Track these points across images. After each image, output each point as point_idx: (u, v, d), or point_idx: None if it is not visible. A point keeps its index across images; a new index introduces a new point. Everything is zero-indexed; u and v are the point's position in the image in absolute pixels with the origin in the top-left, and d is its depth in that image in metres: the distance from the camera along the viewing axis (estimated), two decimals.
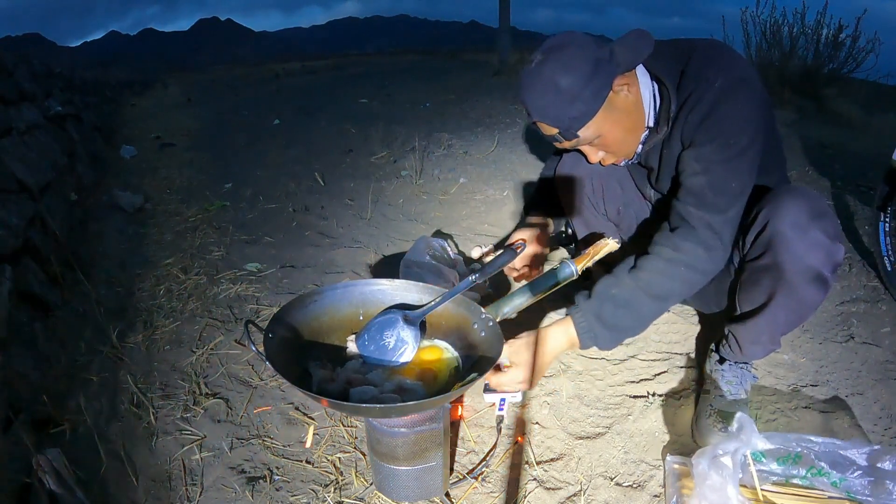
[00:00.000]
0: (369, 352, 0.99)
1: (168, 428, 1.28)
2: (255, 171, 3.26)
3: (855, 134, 3.57)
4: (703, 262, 1.03)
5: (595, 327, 1.07)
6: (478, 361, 0.98)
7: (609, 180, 1.35)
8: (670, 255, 1.03)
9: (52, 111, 3.13)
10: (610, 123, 1.05)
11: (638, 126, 1.10)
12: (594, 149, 1.12)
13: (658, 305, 1.06)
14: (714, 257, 1.03)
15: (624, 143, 1.11)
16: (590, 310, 1.07)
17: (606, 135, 1.06)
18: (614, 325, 1.06)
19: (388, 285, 1.10)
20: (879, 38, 4.75)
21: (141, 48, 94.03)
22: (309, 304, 1.04)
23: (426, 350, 1.02)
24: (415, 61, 8.42)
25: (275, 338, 0.93)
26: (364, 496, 1.09)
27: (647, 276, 1.04)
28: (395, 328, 0.99)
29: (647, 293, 1.04)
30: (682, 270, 1.03)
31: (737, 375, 1.20)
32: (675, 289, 1.04)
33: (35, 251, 1.78)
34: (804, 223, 0.97)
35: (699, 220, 1.02)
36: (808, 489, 0.98)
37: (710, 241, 1.02)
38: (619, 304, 1.05)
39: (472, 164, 3.08)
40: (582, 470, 1.13)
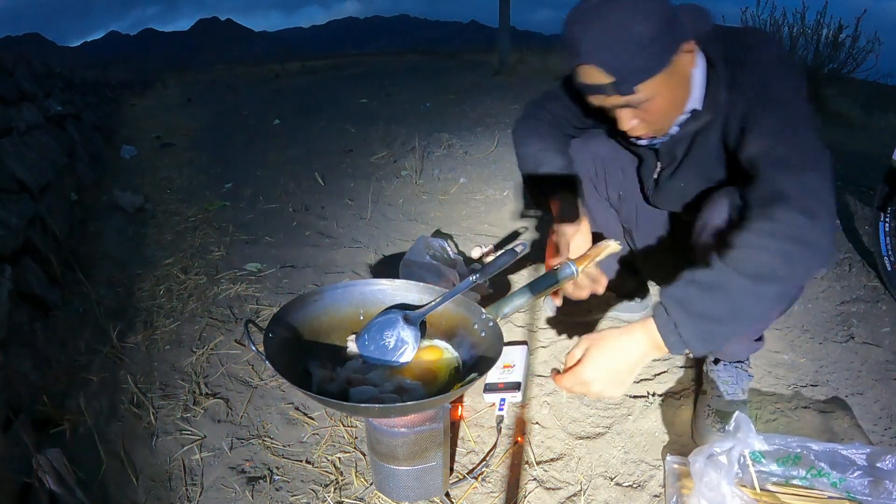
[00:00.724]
0: (369, 352, 0.99)
1: (168, 428, 1.28)
2: (255, 171, 3.26)
3: (855, 134, 3.57)
4: (806, 231, 0.79)
5: (679, 316, 0.81)
6: (478, 362, 0.98)
7: (612, 165, 1.30)
8: (763, 225, 0.81)
9: (52, 111, 3.13)
10: (665, 89, 0.93)
11: (683, 102, 1.00)
12: (632, 113, 0.97)
13: (755, 287, 0.79)
14: (820, 225, 0.79)
15: (666, 115, 1.00)
16: (670, 296, 0.83)
17: (656, 100, 0.94)
18: (701, 312, 0.81)
19: (389, 285, 1.10)
20: (879, 38, 4.76)
21: (141, 48, 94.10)
22: (309, 305, 1.04)
23: (426, 350, 1.02)
24: (415, 61, 8.43)
25: (275, 338, 0.92)
26: (364, 496, 1.09)
27: (736, 252, 0.81)
28: (395, 328, 0.99)
29: (739, 271, 0.80)
30: (780, 242, 0.79)
31: (732, 375, 1.19)
32: (773, 265, 0.79)
33: (35, 251, 1.78)
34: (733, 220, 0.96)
35: (792, 184, 0.82)
36: (808, 489, 0.98)
37: (811, 205, 0.79)
38: (705, 287, 0.81)
39: (472, 164, 3.08)
40: (582, 470, 1.13)
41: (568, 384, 0.89)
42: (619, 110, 0.98)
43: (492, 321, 1.00)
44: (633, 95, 0.92)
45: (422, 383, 0.95)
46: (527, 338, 1.55)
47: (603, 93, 0.93)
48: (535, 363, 1.45)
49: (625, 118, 0.99)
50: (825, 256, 0.81)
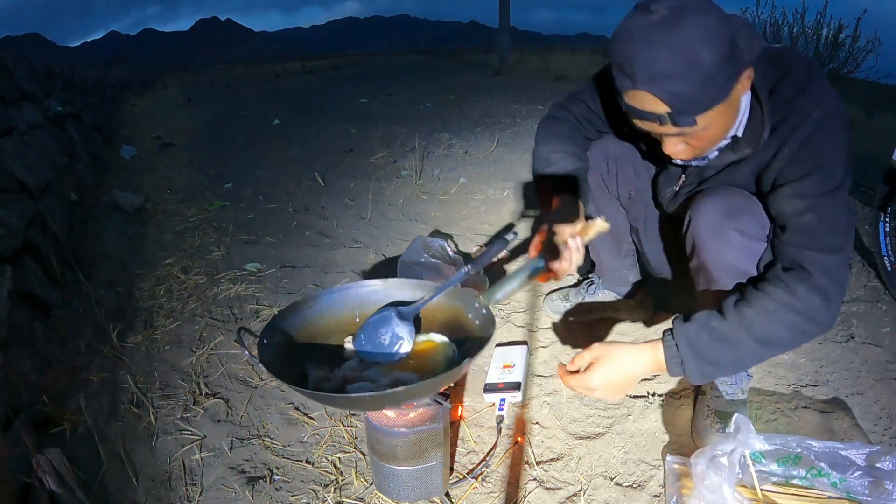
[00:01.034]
0: (366, 351, 0.99)
1: (168, 428, 1.28)
2: (255, 171, 3.26)
3: (855, 134, 3.57)
4: (818, 313, 0.88)
5: (687, 355, 0.91)
6: (470, 346, 0.98)
7: (624, 163, 1.29)
8: (783, 298, 0.88)
9: (52, 111, 3.13)
10: (720, 119, 0.88)
11: (729, 130, 0.95)
12: (681, 140, 0.92)
13: (760, 349, 0.90)
14: (831, 307, 0.88)
15: (714, 143, 0.96)
16: (684, 335, 0.92)
17: (710, 130, 0.89)
18: (708, 357, 0.91)
19: (382, 285, 1.11)
20: (879, 38, 4.77)
21: (141, 48, 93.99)
22: (304, 310, 1.04)
23: (422, 344, 1.02)
24: (415, 61, 8.43)
25: (270, 344, 0.93)
26: (364, 496, 1.09)
27: (753, 315, 0.89)
28: (389, 325, 1.00)
29: (750, 333, 0.89)
30: (794, 318, 0.88)
31: (731, 376, 1.19)
32: (782, 336, 0.89)
33: (35, 251, 1.78)
34: (717, 223, 0.98)
35: (815, 263, 0.88)
36: (808, 490, 0.98)
37: (828, 288, 0.87)
38: (716, 338, 0.90)
39: (472, 164, 3.08)
40: (582, 470, 1.13)
41: (573, 384, 0.97)
42: (668, 137, 0.92)
43: (485, 308, 1.01)
44: (690, 127, 0.86)
45: (419, 376, 0.95)
46: (527, 338, 1.55)
47: (657, 121, 0.86)
48: (535, 363, 1.45)
49: (671, 144, 0.93)
50: (826, 330, 0.91)
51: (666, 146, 0.94)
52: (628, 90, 0.85)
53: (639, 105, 0.86)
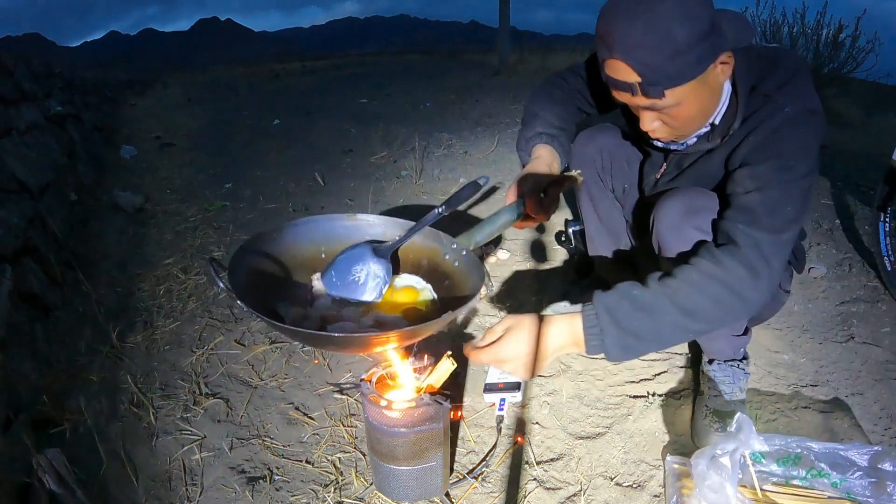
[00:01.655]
0: (337, 289, 0.91)
1: (168, 428, 1.28)
2: (255, 171, 3.25)
3: (855, 134, 3.57)
4: (743, 285, 0.86)
5: (606, 324, 0.87)
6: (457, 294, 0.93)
7: (618, 158, 1.32)
8: (707, 267, 0.88)
9: (52, 111, 3.13)
10: (693, 97, 0.90)
11: (709, 112, 0.98)
12: (656, 115, 0.95)
13: (682, 320, 0.87)
14: (758, 285, 0.87)
15: (691, 123, 0.97)
16: (603, 304, 0.88)
17: (682, 107, 0.91)
18: (628, 327, 0.87)
19: (351, 220, 1.03)
20: (879, 38, 4.77)
21: (141, 48, 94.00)
22: (268, 243, 0.96)
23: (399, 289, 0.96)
24: (415, 61, 8.42)
25: (238, 278, 0.84)
26: (364, 496, 1.09)
27: (676, 283, 0.88)
28: (365, 262, 0.92)
29: (673, 302, 0.87)
30: (717, 288, 0.86)
31: (728, 374, 1.19)
32: (704, 306, 0.87)
33: (35, 251, 1.78)
34: (677, 223, 1.00)
35: (747, 238, 0.88)
36: (808, 490, 0.98)
37: (756, 263, 0.87)
38: (637, 307, 0.87)
39: (472, 164, 3.08)
40: (582, 470, 1.13)
41: (484, 358, 0.92)
42: (643, 111, 0.95)
43: (464, 250, 0.96)
44: (660, 99, 0.89)
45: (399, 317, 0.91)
46: None
47: (629, 91, 0.90)
48: None
49: (647, 119, 0.96)
50: (752, 311, 0.90)
51: (642, 122, 0.97)
52: (606, 59, 0.90)
53: (615, 74, 0.90)
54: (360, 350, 0.91)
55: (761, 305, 0.90)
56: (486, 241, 1.04)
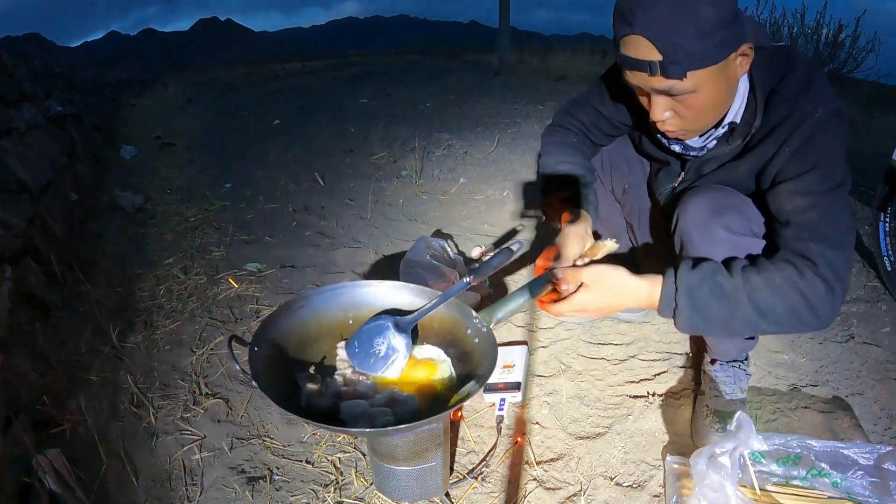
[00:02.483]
0: (359, 360, 0.96)
1: (168, 428, 1.28)
2: (255, 171, 3.25)
3: (855, 134, 3.57)
4: (820, 301, 0.87)
5: (682, 302, 0.90)
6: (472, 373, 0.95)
7: (617, 158, 1.31)
8: (791, 275, 0.88)
9: (52, 111, 3.13)
10: (711, 86, 0.88)
11: (722, 108, 0.95)
12: (669, 103, 0.92)
13: (754, 318, 0.89)
14: (833, 303, 0.87)
15: (703, 116, 0.94)
16: (686, 282, 0.91)
17: (699, 95, 0.88)
18: (702, 310, 0.90)
19: (378, 287, 1.06)
20: (879, 38, 4.77)
21: (141, 48, 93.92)
22: (296, 311, 1.00)
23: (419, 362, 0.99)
24: (415, 61, 8.42)
25: (261, 351, 0.89)
26: (364, 496, 1.09)
27: (758, 282, 0.89)
28: (385, 335, 0.95)
29: (751, 299, 0.88)
30: (796, 298, 0.87)
31: (729, 375, 1.19)
32: (779, 311, 0.88)
33: (35, 251, 1.78)
34: (704, 221, 0.99)
35: (822, 257, 0.87)
36: (808, 490, 0.98)
37: (833, 282, 0.86)
38: (717, 293, 0.89)
39: (472, 164, 3.08)
40: (582, 470, 1.13)
41: (565, 309, 0.95)
42: (656, 96, 0.91)
43: (485, 326, 0.97)
44: (679, 82, 0.86)
45: (415, 393, 0.93)
46: (527, 338, 1.55)
47: (647, 70, 0.86)
48: (535, 363, 1.45)
49: (660, 107, 0.92)
50: (822, 325, 0.90)
51: (654, 110, 0.93)
52: (625, 36, 0.86)
53: (633, 53, 0.86)
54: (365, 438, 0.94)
55: (830, 322, 0.90)
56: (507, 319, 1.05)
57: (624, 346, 1.50)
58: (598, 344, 1.52)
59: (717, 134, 1.00)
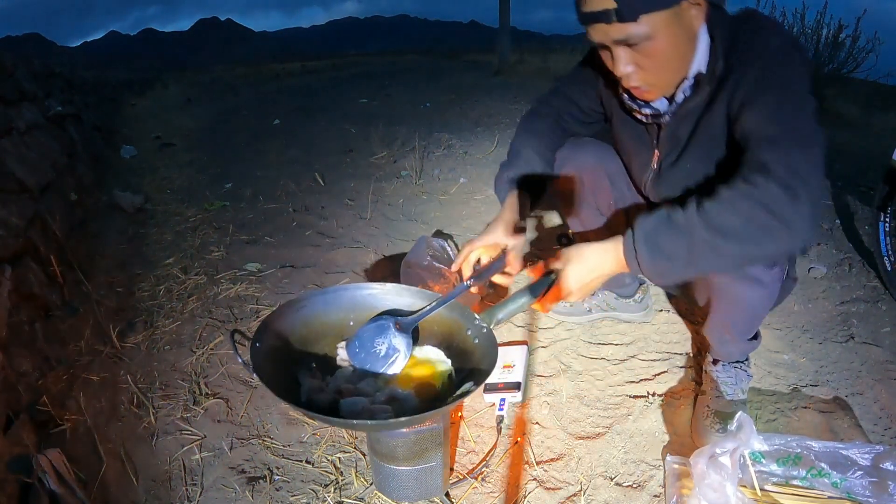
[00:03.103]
0: (360, 359, 0.96)
1: (168, 428, 1.28)
2: (255, 171, 3.26)
3: (855, 134, 3.57)
4: (780, 205, 0.81)
5: (641, 247, 0.90)
6: (472, 371, 0.95)
7: (599, 175, 1.29)
8: (740, 186, 0.85)
9: (52, 111, 3.13)
10: (668, 33, 0.91)
11: (684, 64, 0.97)
12: (630, 55, 0.94)
13: (713, 239, 0.85)
14: (797, 204, 0.81)
15: (665, 69, 0.96)
16: (642, 229, 0.91)
17: (657, 42, 0.91)
18: (662, 250, 0.89)
19: (379, 289, 1.07)
20: (879, 38, 4.76)
21: (141, 48, 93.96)
22: (297, 310, 1.01)
23: (419, 362, 0.99)
24: (415, 61, 8.42)
25: (262, 347, 0.90)
26: (364, 496, 1.09)
27: (709, 204, 0.86)
28: (386, 335, 0.96)
29: (705, 221, 0.85)
30: (751, 205, 0.82)
31: (731, 376, 1.19)
32: (735, 224, 0.83)
33: (35, 251, 1.78)
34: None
35: (777, 161, 0.84)
36: (808, 490, 0.98)
37: (791, 182, 0.81)
38: (672, 229, 0.88)
39: (472, 164, 3.08)
40: (582, 470, 1.13)
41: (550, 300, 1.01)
42: (618, 49, 0.94)
43: (485, 327, 0.97)
44: (635, 26, 0.89)
45: (414, 392, 0.93)
46: (527, 338, 1.55)
47: (604, 20, 0.90)
48: (535, 363, 1.45)
49: (622, 60, 0.95)
50: (796, 237, 0.83)
51: (616, 65, 0.96)
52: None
53: (590, 6, 0.92)
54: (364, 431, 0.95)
55: (806, 230, 0.83)
56: (507, 321, 1.06)
57: (624, 346, 1.50)
58: (598, 344, 1.52)
59: (685, 86, 1.01)
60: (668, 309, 1.63)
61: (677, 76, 0.99)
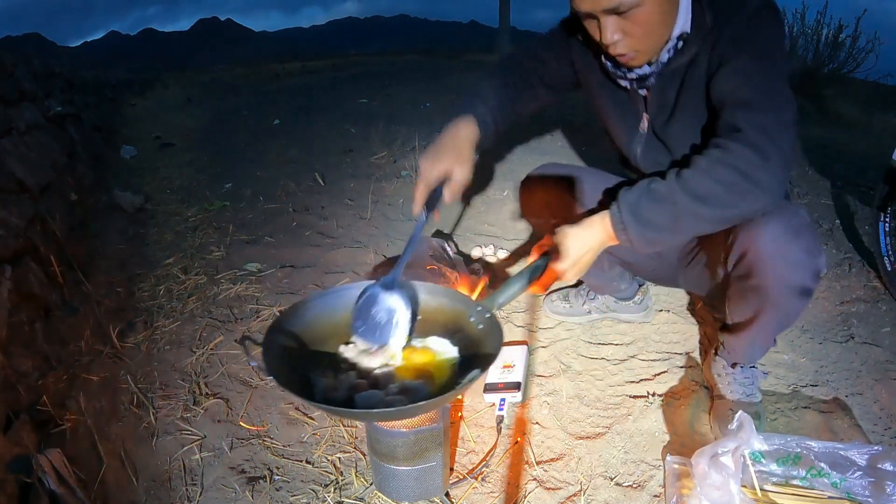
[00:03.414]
0: (367, 335, 0.97)
1: (168, 428, 1.28)
2: (255, 171, 3.25)
3: (855, 134, 3.57)
4: (753, 167, 0.87)
5: (628, 219, 0.95)
6: (478, 356, 0.96)
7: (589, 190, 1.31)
8: (714, 153, 0.91)
9: (52, 111, 3.13)
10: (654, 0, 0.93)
11: (669, 24, 0.98)
12: (617, 23, 0.95)
13: (694, 206, 0.90)
14: (769, 166, 0.86)
15: (653, 32, 0.97)
16: (626, 201, 0.96)
17: (644, 10, 0.92)
18: (648, 220, 0.94)
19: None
20: (879, 38, 4.77)
21: (141, 48, 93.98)
22: (302, 313, 1.02)
23: (425, 353, 1.00)
24: (415, 61, 8.42)
25: (272, 351, 0.90)
26: (364, 496, 1.09)
27: (688, 172, 0.92)
28: (378, 300, 0.97)
29: (685, 189, 0.91)
30: (725, 170, 0.88)
31: (748, 376, 1.19)
32: (715, 191, 0.89)
33: (35, 251, 1.78)
34: (784, 245, 0.96)
35: (749, 123, 0.89)
36: (808, 490, 0.98)
37: (763, 144, 0.87)
38: (654, 199, 0.94)
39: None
40: (582, 470, 1.13)
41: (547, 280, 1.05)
42: (605, 18, 0.95)
43: (488, 313, 0.99)
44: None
45: (423, 382, 0.94)
46: (527, 338, 1.55)
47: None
48: (535, 363, 1.45)
49: (609, 28, 0.95)
50: (769, 196, 0.89)
51: (604, 33, 0.96)
52: None
53: None
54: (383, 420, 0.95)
55: (776, 190, 0.89)
56: (507, 304, 1.07)
57: (624, 346, 1.50)
58: (598, 344, 1.52)
59: (668, 47, 1.02)
60: (668, 309, 1.63)
61: (662, 40, 1.01)
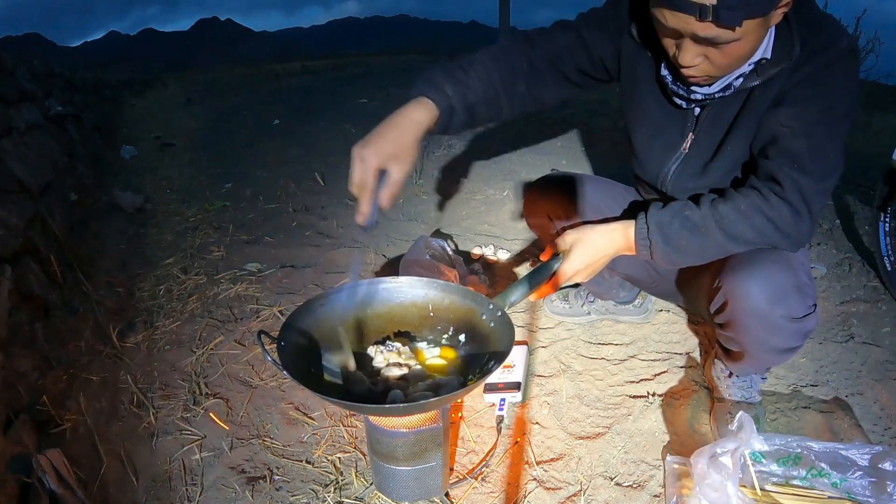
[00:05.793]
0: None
1: (168, 428, 1.28)
2: (255, 171, 3.25)
3: (855, 134, 3.57)
4: (786, 223, 0.90)
5: (656, 238, 0.96)
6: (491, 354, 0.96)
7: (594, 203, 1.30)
8: (756, 200, 0.91)
9: (52, 111, 3.13)
10: (754, 35, 0.84)
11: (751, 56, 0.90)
12: (703, 50, 0.85)
13: (725, 242, 0.93)
14: (800, 225, 0.91)
15: (737, 63, 0.89)
16: (656, 220, 0.96)
17: (740, 44, 0.84)
18: (676, 244, 0.96)
19: (393, 283, 1.09)
20: (879, 38, 4.77)
21: (141, 48, 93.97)
22: (316, 309, 1.02)
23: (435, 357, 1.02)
24: (415, 61, 8.42)
25: (287, 346, 0.91)
26: (364, 496, 1.09)
27: (725, 210, 0.93)
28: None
29: (720, 226, 0.93)
30: (762, 220, 0.91)
31: (746, 380, 1.19)
32: (747, 235, 0.92)
33: (35, 251, 1.78)
34: (765, 310, 0.95)
35: (791, 181, 0.89)
36: (808, 490, 0.98)
37: (797, 205, 0.89)
38: (687, 226, 0.95)
39: (472, 164, 3.08)
40: (582, 470, 1.13)
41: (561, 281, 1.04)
42: (690, 42, 0.84)
43: (500, 311, 0.99)
44: (732, 30, 0.79)
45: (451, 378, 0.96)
46: (527, 338, 1.55)
47: (695, 14, 0.78)
48: (535, 363, 1.45)
49: (691, 52, 0.85)
50: (793, 248, 0.95)
51: (683, 55, 0.86)
52: None
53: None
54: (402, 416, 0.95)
55: (802, 244, 0.95)
56: (519, 303, 1.06)
57: (624, 346, 1.50)
58: (598, 344, 1.52)
59: (743, 71, 0.94)
60: (668, 309, 1.63)
61: (740, 68, 0.93)
